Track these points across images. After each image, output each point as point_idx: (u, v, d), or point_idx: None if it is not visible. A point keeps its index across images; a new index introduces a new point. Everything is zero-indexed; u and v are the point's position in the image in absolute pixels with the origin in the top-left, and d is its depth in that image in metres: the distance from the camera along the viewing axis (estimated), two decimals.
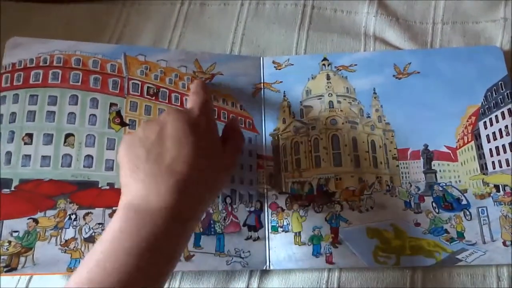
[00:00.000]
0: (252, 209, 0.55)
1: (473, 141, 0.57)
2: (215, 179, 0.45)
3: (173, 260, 0.40)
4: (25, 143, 0.54)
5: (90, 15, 0.67)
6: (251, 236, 0.54)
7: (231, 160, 0.49)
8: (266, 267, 0.52)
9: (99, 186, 0.54)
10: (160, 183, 0.40)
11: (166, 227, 0.38)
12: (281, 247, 0.53)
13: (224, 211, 0.54)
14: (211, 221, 0.53)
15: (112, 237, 0.38)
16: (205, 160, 0.43)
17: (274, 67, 0.62)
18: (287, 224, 0.54)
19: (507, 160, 0.55)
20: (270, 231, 0.54)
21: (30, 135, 0.54)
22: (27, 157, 0.53)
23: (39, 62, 0.57)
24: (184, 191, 0.40)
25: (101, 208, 0.52)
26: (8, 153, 0.53)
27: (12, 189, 0.52)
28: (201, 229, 0.53)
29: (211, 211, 0.54)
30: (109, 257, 0.36)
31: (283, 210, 0.55)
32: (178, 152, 0.42)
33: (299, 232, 0.54)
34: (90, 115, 0.56)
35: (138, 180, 0.41)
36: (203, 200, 0.44)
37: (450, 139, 0.57)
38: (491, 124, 0.57)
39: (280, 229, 0.54)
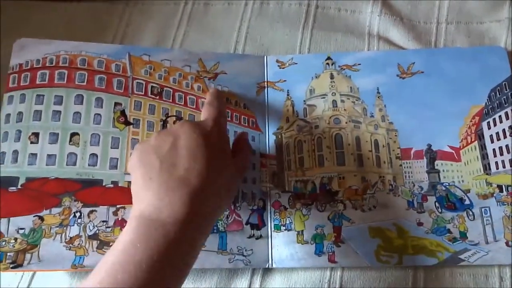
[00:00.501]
0: (255, 207, 0.55)
1: (476, 141, 0.57)
2: (225, 190, 0.45)
3: (185, 271, 0.40)
4: (31, 142, 0.55)
5: (92, 14, 0.67)
6: (253, 235, 0.54)
7: (239, 170, 0.50)
8: (268, 266, 0.52)
9: (104, 184, 0.54)
10: (173, 194, 0.40)
11: (178, 238, 0.39)
12: (284, 245, 0.53)
13: (227, 209, 0.55)
14: None
15: (123, 248, 0.38)
16: (216, 171, 0.43)
17: (278, 66, 0.62)
18: (290, 222, 0.54)
19: (510, 161, 0.55)
20: (272, 229, 0.54)
21: (36, 134, 0.55)
22: (33, 155, 0.54)
23: (45, 63, 0.58)
24: (197, 202, 0.41)
25: (105, 206, 0.53)
26: (15, 152, 0.54)
27: (19, 187, 0.53)
28: None
29: None
30: (120, 268, 0.36)
31: (286, 208, 0.55)
32: (191, 164, 0.42)
33: (302, 231, 0.54)
34: (95, 114, 0.57)
35: (150, 190, 0.41)
36: (214, 211, 0.44)
37: (453, 139, 0.57)
38: (495, 125, 0.57)
39: (282, 228, 0.54)
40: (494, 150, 0.56)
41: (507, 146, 0.55)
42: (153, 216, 0.39)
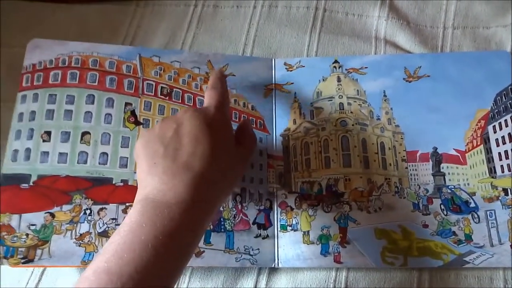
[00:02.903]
0: (262, 207, 0.56)
1: (482, 145, 0.57)
2: (229, 176, 0.46)
3: (188, 253, 0.41)
4: (43, 141, 0.56)
5: (103, 15, 0.68)
6: (260, 234, 0.55)
7: (244, 157, 0.51)
8: (274, 265, 0.53)
9: (113, 182, 0.55)
10: (177, 178, 0.41)
11: (182, 221, 0.39)
12: (290, 245, 0.54)
13: (234, 209, 0.55)
14: (221, 219, 0.54)
15: (129, 229, 0.38)
16: (220, 157, 0.44)
17: (286, 68, 0.63)
18: (296, 223, 0.55)
19: None
20: (279, 229, 0.55)
21: (48, 133, 0.56)
22: (45, 153, 0.55)
23: (58, 63, 0.59)
24: (200, 186, 0.42)
25: (115, 204, 0.54)
26: (27, 150, 0.55)
27: (31, 184, 0.54)
28: (211, 227, 0.54)
29: (221, 208, 0.55)
30: (126, 248, 0.37)
31: (292, 209, 0.56)
32: (195, 149, 0.43)
33: (308, 231, 0.54)
34: (106, 114, 0.58)
35: (155, 175, 0.42)
36: (218, 196, 0.45)
37: (459, 142, 0.57)
38: (500, 128, 0.57)
39: (289, 228, 0.55)
40: (499, 153, 0.56)
41: None
42: (158, 198, 0.40)
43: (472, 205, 0.55)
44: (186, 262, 0.41)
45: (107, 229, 0.53)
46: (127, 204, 0.54)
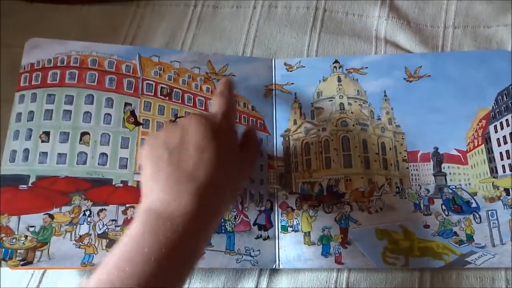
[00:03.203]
0: (263, 208, 0.56)
1: (483, 145, 0.57)
2: (233, 185, 0.46)
3: (192, 264, 0.41)
4: (42, 141, 0.55)
5: (104, 16, 0.68)
6: (261, 235, 0.54)
7: (247, 166, 0.50)
8: (275, 266, 0.53)
9: (113, 183, 0.55)
10: (181, 189, 0.41)
11: (185, 232, 0.39)
12: (291, 246, 0.54)
13: (234, 210, 0.55)
14: (222, 220, 0.54)
15: (132, 241, 0.38)
16: (224, 166, 0.44)
17: (286, 69, 0.62)
18: (297, 224, 0.55)
19: None
20: (280, 230, 0.54)
21: (47, 133, 0.55)
22: (44, 154, 0.55)
23: (56, 63, 0.59)
24: (204, 196, 0.41)
25: (115, 205, 0.54)
26: (26, 150, 0.55)
27: (29, 185, 0.53)
28: None
29: None
30: (128, 260, 0.36)
31: (293, 210, 0.56)
32: (200, 159, 0.42)
33: (309, 232, 0.54)
34: (105, 114, 0.57)
35: (159, 182, 0.41)
36: (222, 205, 0.44)
37: (460, 142, 0.57)
38: (502, 128, 0.57)
39: (290, 229, 0.55)
40: (501, 153, 0.56)
41: None
42: (161, 209, 0.40)
43: (474, 205, 0.55)
44: (190, 272, 0.41)
45: (107, 230, 0.52)
46: (127, 205, 0.54)
